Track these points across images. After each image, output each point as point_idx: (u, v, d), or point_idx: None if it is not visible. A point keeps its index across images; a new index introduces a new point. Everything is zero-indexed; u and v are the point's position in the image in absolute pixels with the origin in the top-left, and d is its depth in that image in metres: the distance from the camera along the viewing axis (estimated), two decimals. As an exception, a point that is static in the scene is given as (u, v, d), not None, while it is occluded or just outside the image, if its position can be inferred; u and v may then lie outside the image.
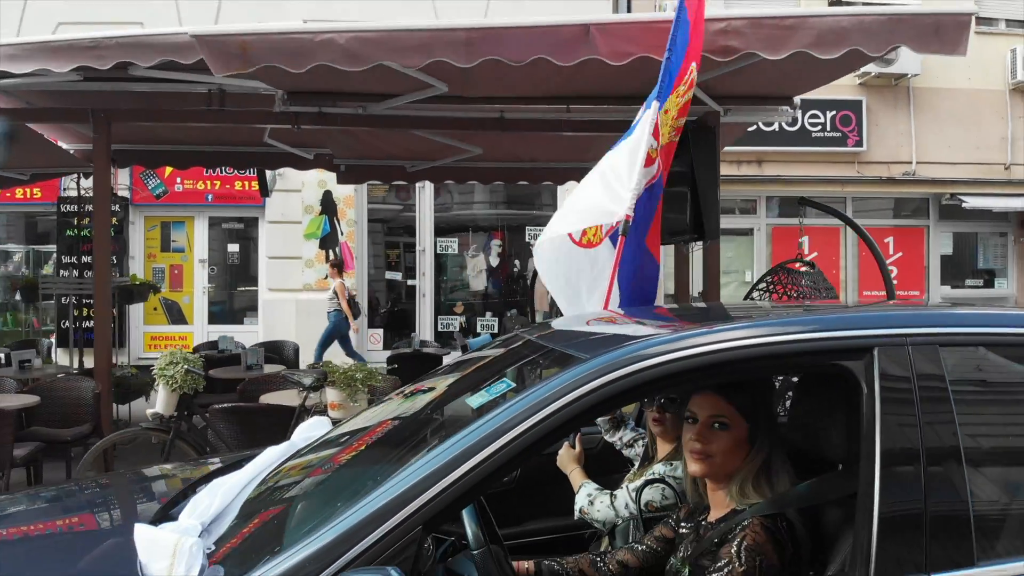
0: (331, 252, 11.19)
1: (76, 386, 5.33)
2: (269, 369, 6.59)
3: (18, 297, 9.89)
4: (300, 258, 11.24)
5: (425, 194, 11.54)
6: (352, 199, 11.30)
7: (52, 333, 10.84)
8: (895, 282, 12.38)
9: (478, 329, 11.87)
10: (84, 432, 5.18)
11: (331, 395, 4.02)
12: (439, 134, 6.71)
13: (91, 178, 8.48)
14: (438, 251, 11.80)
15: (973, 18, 4.23)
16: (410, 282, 11.76)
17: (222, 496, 2.01)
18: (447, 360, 7.44)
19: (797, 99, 6.40)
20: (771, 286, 4.94)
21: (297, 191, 11.16)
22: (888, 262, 12.48)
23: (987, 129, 12.16)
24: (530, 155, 7.76)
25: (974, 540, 1.64)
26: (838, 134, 11.78)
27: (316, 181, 11.06)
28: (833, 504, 1.86)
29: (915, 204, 12.71)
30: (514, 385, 1.96)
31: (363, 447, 2.31)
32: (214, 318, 11.56)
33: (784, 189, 12.09)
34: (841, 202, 12.38)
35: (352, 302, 10.15)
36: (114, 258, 10.06)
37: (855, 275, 12.55)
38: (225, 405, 4.37)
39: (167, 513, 2.08)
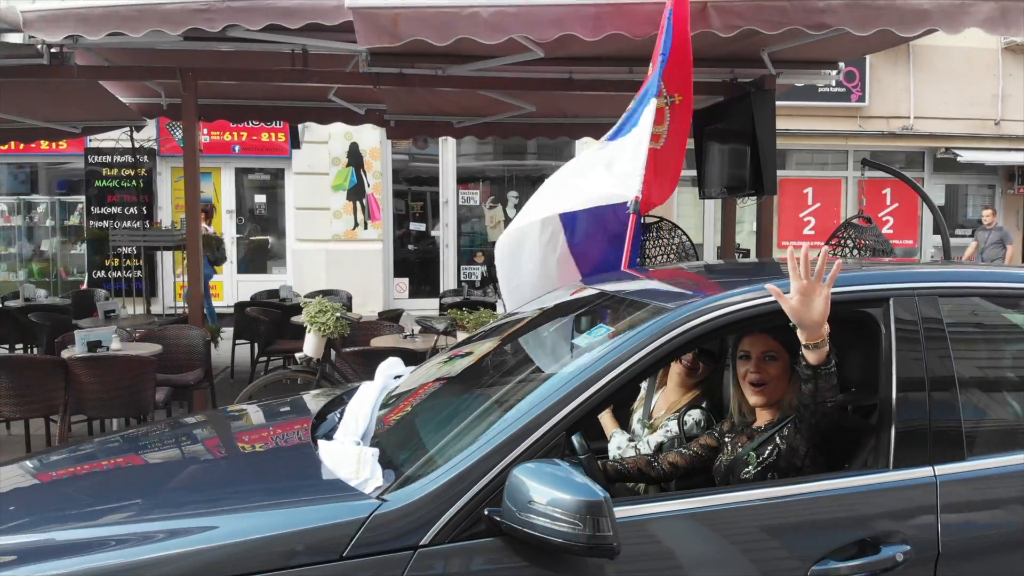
0: (357, 203, 11.48)
1: (186, 334, 5.68)
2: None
3: (84, 248, 10.05)
4: (328, 209, 11.50)
5: (448, 146, 11.82)
6: (378, 151, 11.55)
7: (81, 283, 11.05)
8: (892, 231, 13.08)
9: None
10: (200, 377, 5.57)
11: (462, 338, 4.44)
12: (501, 92, 7.04)
13: (142, 131, 8.71)
14: (460, 202, 12.16)
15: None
16: (434, 232, 12.11)
17: (362, 419, 2.39)
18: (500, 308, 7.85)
19: (841, 64, 6.87)
20: (844, 240, 5.46)
21: (324, 143, 11.37)
22: (885, 212, 13.18)
23: (980, 86, 12.76)
24: (574, 111, 8.12)
25: (964, 442, 2.16)
26: (843, 90, 12.27)
27: (343, 133, 11.27)
28: (851, 421, 2.40)
29: (911, 157, 13.33)
30: (612, 328, 2.34)
31: (486, 374, 2.76)
32: (242, 267, 11.81)
33: (791, 142, 12.60)
34: (844, 155, 12.96)
35: (219, 247, 9.49)
36: (144, 208, 10.26)
37: (853, 225, 13.21)
38: (357, 348, 4.78)
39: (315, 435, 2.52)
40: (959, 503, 2.10)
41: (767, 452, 2.29)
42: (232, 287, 11.61)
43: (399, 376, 2.96)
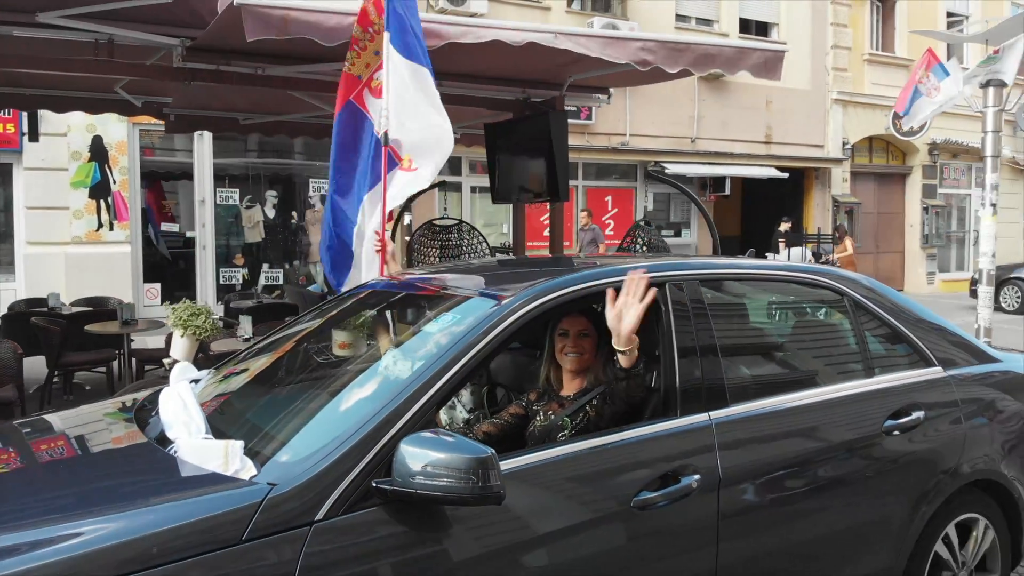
0: (102, 202, 10.57)
1: (-6, 348, 5.09)
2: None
3: None
4: (67, 208, 10.40)
5: (204, 142, 11.26)
6: (124, 145, 10.69)
7: None
8: (612, 233, 14.86)
9: (261, 280, 11.98)
10: (15, 394, 5.03)
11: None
12: (311, 95, 7.10)
13: None
14: (218, 201, 11.64)
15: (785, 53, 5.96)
16: (189, 233, 11.46)
17: (195, 416, 2.43)
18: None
19: (612, 90, 7.93)
20: (636, 238, 6.39)
21: (62, 135, 10.29)
22: (608, 215, 14.95)
23: (681, 109, 14.98)
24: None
25: (727, 393, 2.70)
26: (574, 109, 13.71)
27: (84, 125, 10.31)
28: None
29: (626, 169, 15.26)
30: (459, 317, 2.56)
31: (323, 362, 2.93)
32: (-43, 274, 10.28)
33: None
34: (575, 166, 14.46)
35: None
36: None
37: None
38: (228, 350, 4.69)
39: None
40: (729, 440, 2.62)
41: (579, 419, 2.72)
42: (-56, 298, 10.05)
43: (196, 380, 3.01)
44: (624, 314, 2.45)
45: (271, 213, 12.22)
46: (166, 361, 4.54)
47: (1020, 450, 3.34)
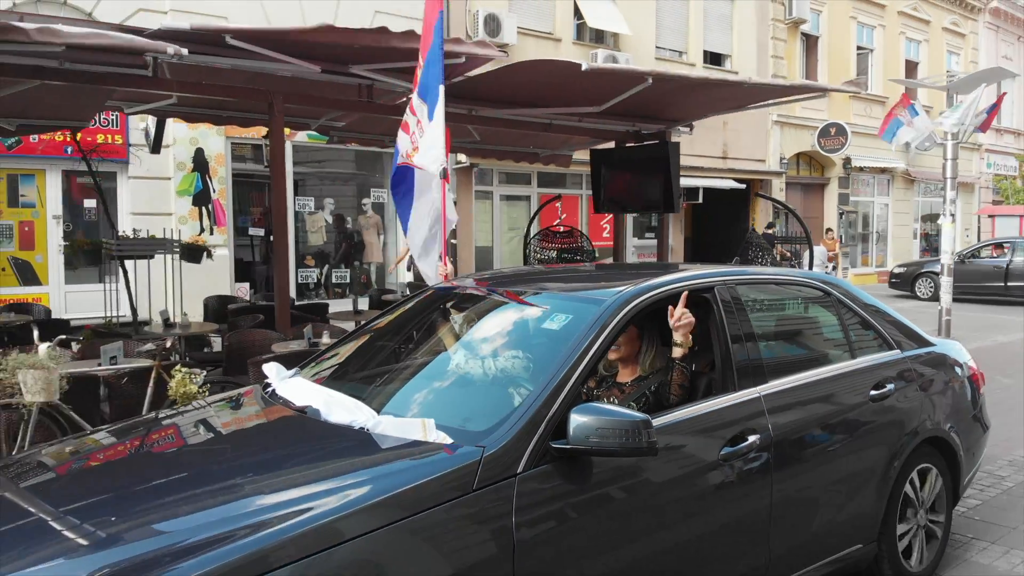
0: (203, 208, 11.57)
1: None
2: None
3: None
4: (171, 214, 11.32)
5: (286, 154, 12.36)
6: (223, 157, 11.69)
7: None
8: (608, 236, 16.84)
9: (334, 280, 13.17)
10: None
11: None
12: (483, 128, 8.72)
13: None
14: (296, 209, 12.76)
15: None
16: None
17: (350, 402, 2.84)
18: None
19: (695, 123, 9.96)
20: (754, 246, 8.40)
21: (167, 146, 11.20)
22: (603, 220, 16.94)
23: (660, 128, 17.20)
24: (497, 140, 10.00)
25: (765, 371, 3.33)
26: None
27: (188, 138, 11.28)
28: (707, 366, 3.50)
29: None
30: (573, 316, 3.08)
31: (466, 350, 3.28)
32: (71, 278, 10.97)
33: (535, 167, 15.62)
34: (579, 177, 16.37)
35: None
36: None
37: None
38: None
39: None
40: (774, 407, 3.24)
41: (642, 403, 3.29)
42: (60, 300, 10.79)
43: (291, 376, 3.42)
44: (681, 324, 3.16)
45: (329, 219, 13.44)
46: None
47: (952, 410, 4.19)
